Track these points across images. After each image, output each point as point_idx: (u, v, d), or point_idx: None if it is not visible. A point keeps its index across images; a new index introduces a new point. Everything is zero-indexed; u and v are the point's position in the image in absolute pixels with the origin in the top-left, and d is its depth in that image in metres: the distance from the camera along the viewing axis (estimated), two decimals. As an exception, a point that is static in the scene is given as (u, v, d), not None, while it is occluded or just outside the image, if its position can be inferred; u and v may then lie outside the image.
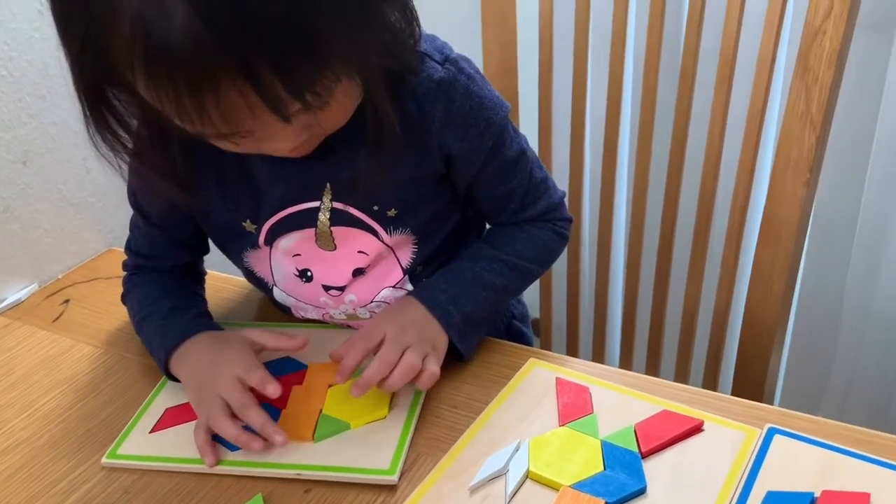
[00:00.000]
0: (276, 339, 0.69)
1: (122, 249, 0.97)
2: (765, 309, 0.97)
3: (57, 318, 0.85)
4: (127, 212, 0.99)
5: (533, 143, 1.06)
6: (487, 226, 0.79)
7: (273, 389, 0.63)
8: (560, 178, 1.10)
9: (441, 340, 0.68)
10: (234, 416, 0.64)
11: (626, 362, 1.11)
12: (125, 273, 0.79)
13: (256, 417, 0.63)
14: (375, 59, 0.56)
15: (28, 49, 0.86)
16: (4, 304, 0.88)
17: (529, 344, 0.86)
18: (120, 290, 0.87)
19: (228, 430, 0.63)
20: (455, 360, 0.70)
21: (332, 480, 0.61)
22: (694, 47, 0.93)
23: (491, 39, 1.04)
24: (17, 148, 0.87)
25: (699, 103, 0.96)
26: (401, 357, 0.64)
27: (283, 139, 0.56)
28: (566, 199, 0.77)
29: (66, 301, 0.89)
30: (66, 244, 0.94)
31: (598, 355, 1.14)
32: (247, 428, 0.64)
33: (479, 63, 1.03)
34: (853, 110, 1.17)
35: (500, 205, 0.73)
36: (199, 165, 0.68)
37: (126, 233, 0.98)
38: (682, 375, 1.06)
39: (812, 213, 1.18)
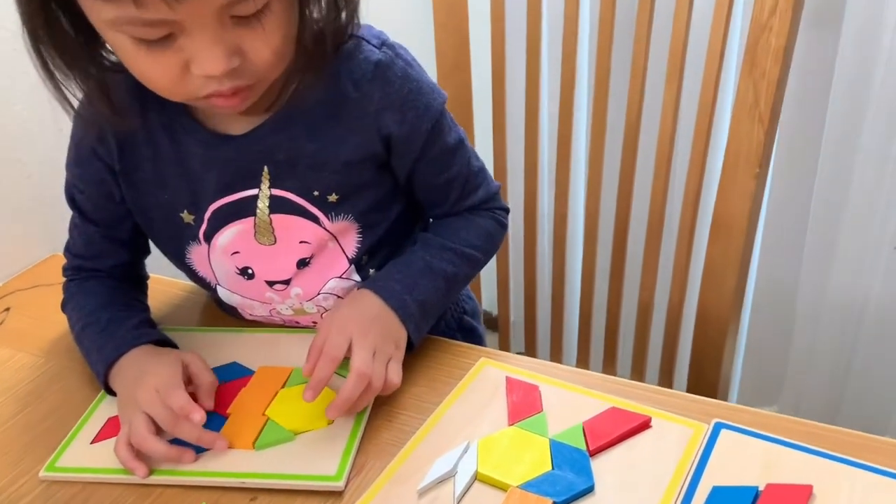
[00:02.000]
0: (201, 371, 0.66)
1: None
2: (717, 304, 0.98)
3: (-3, 327, 0.83)
4: (69, 217, 0.97)
5: (487, 142, 1.07)
6: (431, 220, 0.79)
7: (199, 417, 0.61)
8: (516, 175, 1.10)
9: (402, 336, 0.67)
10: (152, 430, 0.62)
11: (583, 359, 1.12)
12: (65, 279, 0.77)
13: (189, 431, 0.61)
14: None
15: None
16: (-59, 313, 0.85)
17: (481, 339, 0.86)
18: (61, 295, 0.85)
19: (153, 447, 0.61)
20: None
21: (278, 488, 0.60)
22: (644, 42, 0.93)
23: (443, 39, 1.04)
24: (-48, 152, 0.84)
25: (651, 99, 0.97)
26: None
27: (212, 51, 0.54)
28: (522, 197, 0.77)
29: (7, 309, 0.86)
30: (6, 251, 0.92)
31: (556, 352, 1.14)
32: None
33: (432, 63, 1.02)
34: (803, 105, 1.19)
35: (441, 193, 0.73)
36: (135, 151, 0.67)
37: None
38: (638, 372, 1.07)
39: (765, 208, 1.20)
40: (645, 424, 0.60)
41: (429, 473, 0.58)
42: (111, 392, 0.69)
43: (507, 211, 0.77)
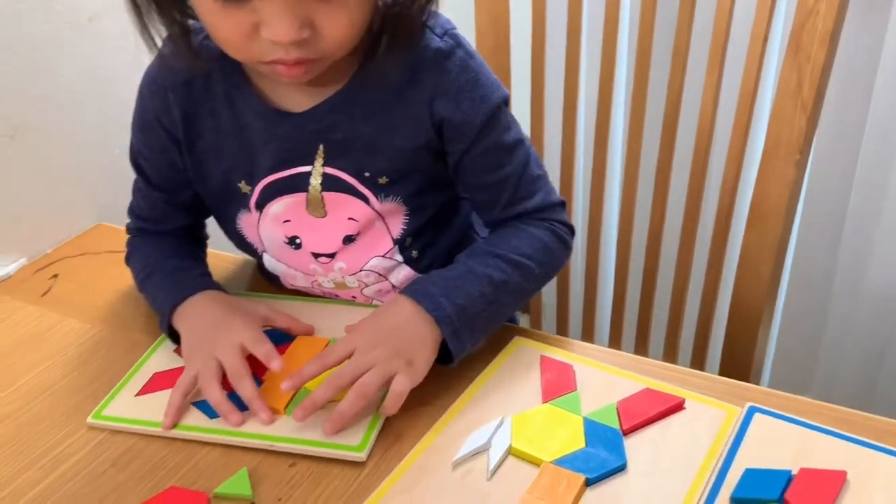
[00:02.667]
0: (287, 321, 0.71)
1: (111, 225, 0.98)
2: (752, 291, 0.97)
3: (45, 293, 0.86)
4: (116, 187, 0.99)
5: (524, 124, 1.07)
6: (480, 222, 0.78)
7: (277, 364, 0.64)
8: (552, 158, 1.10)
9: (421, 351, 0.63)
10: (221, 382, 0.65)
11: (615, 342, 1.12)
12: (128, 236, 0.80)
13: (248, 388, 0.64)
14: None
15: (15, 21, 0.85)
16: (-7, 278, 0.88)
17: (514, 319, 0.87)
18: (109, 266, 0.87)
19: (214, 393, 0.64)
20: (440, 364, 0.65)
21: (303, 453, 0.61)
22: (687, 25, 0.93)
23: (483, 18, 1.04)
24: (4, 122, 0.86)
25: (691, 83, 0.96)
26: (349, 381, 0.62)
27: (284, 18, 0.55)
28: (559, 178, 0.77)
29: (55, 276, 0.89)
30: (55, 219, 0.94)
31: (588, 335, 1.15)
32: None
33: (471, 42, 1.03)
34: (846, 91, 1.17)
35: (492, 194, 0.71)
36: (197, 122, 0.69)
37: (115, 208, 0.98)
38: (669, 356, 1.07)
39: (803, 196, 1.19)
40: (678, 406, 0.61)
41: (463, 446, 0.59)
42: (171, 333, 0.71)
43: (570, 228, 0.73)
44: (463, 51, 0.67)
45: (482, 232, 0.80)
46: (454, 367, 0.66)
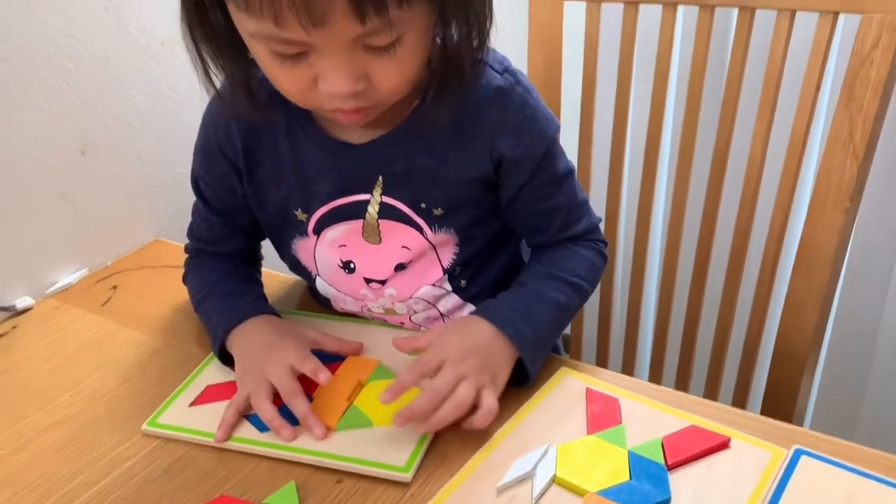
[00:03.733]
0: (336, 344, 0.73)
1: (169, 241, 1.01)
2: (797, 337, 0.97)
3: (105, 303, 0.89)
4: (175, 205, 1.03)
5: (573, 161, 1.08)
6: (532, 251, 0.80)
7: (324, 377, 0.66)
8: (598, 194, 1.11)
9: (503, 369, 0.66)
10: (273, 401, 0.67)
11: (655, 379, 1.12)
12: (187, 256, 0.83)
13: (302, 406, 0.66)
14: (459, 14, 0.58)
15: (92, 43, 0.90)
16: (56, 286, 0.91)
17: (558, 350, 0.88)
18: (166, 280, 0.90)
19: (266, 410, 0.66)
20: (515, 384, 0.68)
21: (349, 471, 0.63)
22: (739, 70, 0.94)
23: (537, 57, 1.06)
24: (77, 137, 0.91)
25: (741, 127, 0.97)
26: (455, 389, 0.63)
27: (339, 73, 0.56)
28: (604, 215, 0.79)
29: (115, 287, 0.92)
30: (116, 232, 0.98)
31: (628, 370, 1.15)
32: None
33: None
34: (896, 140, 1.17)
35: (544, 221, 0.74)
36: (257, 151, 0.71)
37: (173, 225, 1.03)
38: (710, 396, 1.06)
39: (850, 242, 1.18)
40: (724, 444, 0.61)
41: (508, 472, 0.60)
42: (224, 355, 0.73)
43: (606, 244, 0.78)
44: (521, 87, 0.68)
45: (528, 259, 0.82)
46: (528, 385, 0.69)
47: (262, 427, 0.67)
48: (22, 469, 0.66)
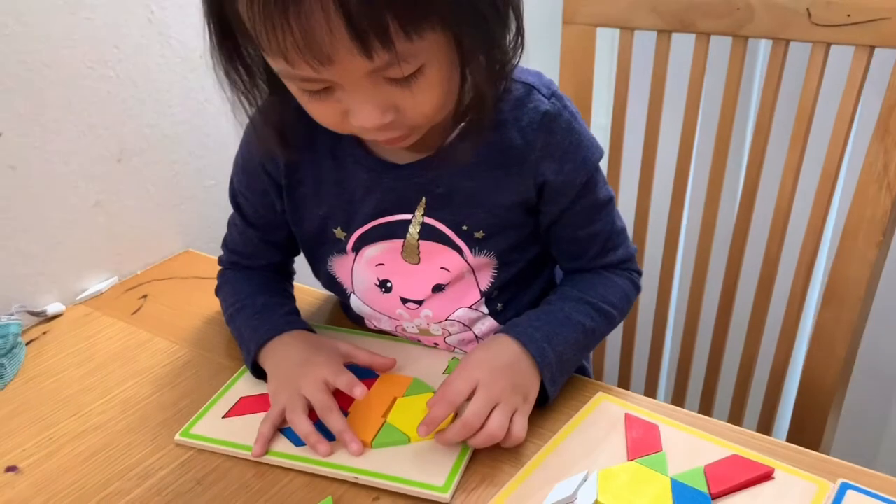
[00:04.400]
0: (368, 358, 0.72)
1: (199, 252, 1.01)
2: (825, 370, 0.96)
3: (136, 312, 0.89)
4: (206, 217, 1.04)
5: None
6: (560, 272, 0.80)
7: (360, 391, 0.66)
8: (625, 220, 1.10)
9: (533, 387, 0.67)
10: (308, 415, 0.67)
11: (677, 405, 1.11)
12: (220, 268, 0.83)
13: (337, 421, 0.65)
14: (476, 34, 0.56)
15: (135, 53, 0.90)
16: (86, 293, 0.91)
17: (588, 376, 0.87)
18: (195, 291, 0.90)
19: (303, 425, 0.66)
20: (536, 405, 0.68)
21: (385, 488, 0.62)
22: (771, 101, 0.94)
23: (568, 83, 1.07)
24: (114, 146, 0.91)
25: (772, 157, 0.97)
26: (489, 415, 0.63)
27: (365, 107, 0.56)
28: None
29: (144, 296, 0.92)
30: (146, 242, 0.98)
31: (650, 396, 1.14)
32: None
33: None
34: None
35: (581, 247, 0.74)
36: (300, 168, 0.71)
37: (203, 236, 1.03)
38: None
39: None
40: (767, 475, 0.60)
41: (548, 497, 0.60)
42: (256, 370, 0.73)
43: (640, 274, 0.78)
44: (568, 112, 0.68)
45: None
46: (543, 408, 0.69)
47: (297, 441, 0.67)
48: (54, 476, 0.65)
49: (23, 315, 0.84)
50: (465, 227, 0.70)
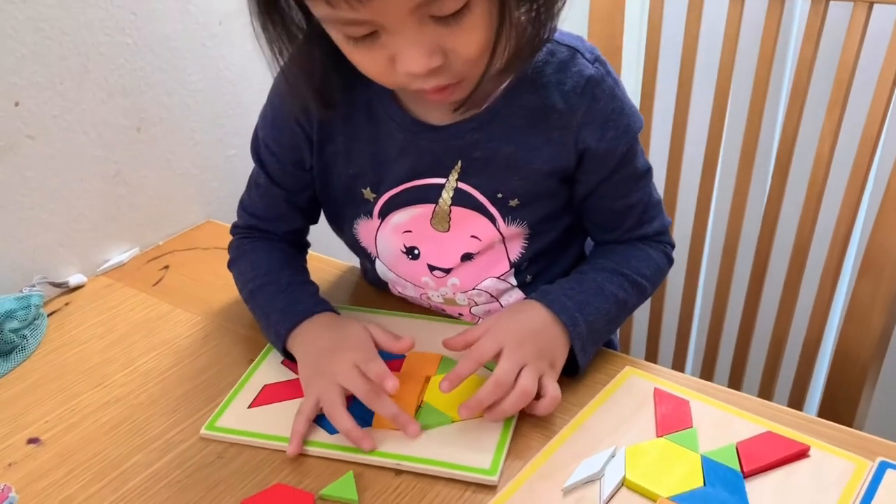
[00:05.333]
0: (388, 341, 0.68)
1: (220, 222, 1.00)
2: (860, 343, 0.94)
3: (157, 283, 0.88)
4: (227, 186, 1.02)
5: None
6: (590, 246, 0.78)
7: (392, 385, 0.62)
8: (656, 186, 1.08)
9: (560, 355, 0.65)
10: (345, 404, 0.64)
11: (706, 379, 1.09)
12: (235, 237, 0.80)
13: (388, 406, 0.63)
14: None
15: (152, 20, 0.88)
16: (108, 264, 0.91)
17: (615, 349, 0.85)
18: (217, 262, 0.89)
19: (344, 422, 0.62)
20: (565, 374, 0.67)
21: (431, 474, 0.60)
22: (809, 62, 0.90)
23: (596, 42, 1.03)
24: (133, 115, 0.90)
25: (809, 121, 0.94)
26: (517, 378, 0.62)
27: (412, 50, 0.54)
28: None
29: (166, 267, 0.91)
30: (167, 212, 0.97)
31: (677, 369, 1.12)
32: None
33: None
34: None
35: (617, 219, 0.72)
36: (332, 124, 0.69)
37: (224, 206, 1.01)
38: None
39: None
40: (803, 453, 0.58)
41: (575, 473, 0.58)
42: (286, 353, 0.71)
43: (674, 247, 0.76)
44: (611, 78, 0.66)
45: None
46: (574, 377, 0.68)
47: (332, 429, 0.64)
48: (77, 447, 0.65)
49: (44, 286, 0.83)
50: (499, 195, 0.68)
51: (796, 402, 1.01)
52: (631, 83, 1.04)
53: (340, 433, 0.63)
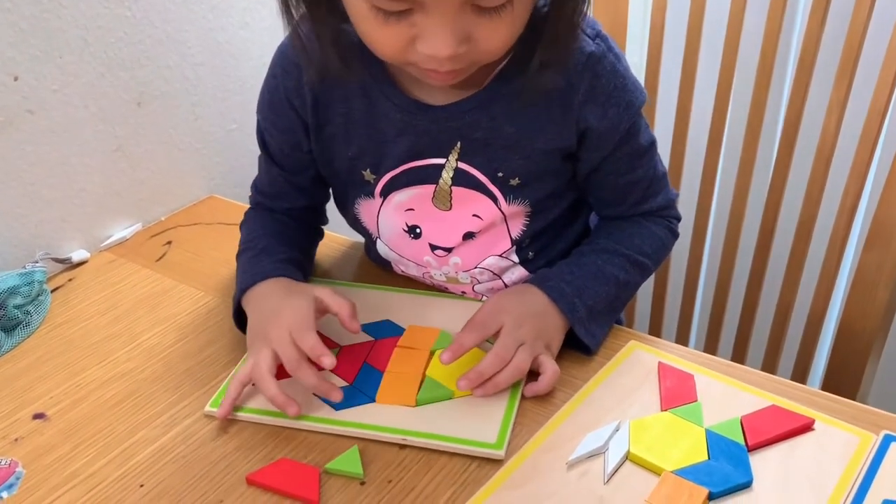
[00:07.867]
0: (338, 305, 0.66)
1: (223, 197, 1.00)
2: (865, 315, 0.93)
3: (160, 258, 0.88)
4: (230, 161, 1.02)
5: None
6: (594, 219, 0.78)
7: (328, 362, 0.61)
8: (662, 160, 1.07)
9: (557, 338, 0.66)
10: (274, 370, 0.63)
11: (709, 351, 1.09)
12: (249, 207, 0.81)
13: (309, 376, 0.62)
14: None
15: (150, -9, 0.87)
16: (111, 240, 0.91)
17: (620, 324, 0.85)
18: (220, 237, 0.90)
19: (267, 388, 0.62)
20: (581, 353, 0.68)
21: (436, 449, 0.61)
22: (815, 37, 0.89)
23: (601, 19, 1.02)
24: (133, 88, 0.89)
25: (816, 91, 0.93)
26: (513, 355, 0.63)
27: (443, 34, 0.54)
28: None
29: (169, 242, 0.91)
30: (170, 187, 0.96)
31: (681, 344, 1.12)
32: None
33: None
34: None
35: (621, 194, 0.71)
36: (328, 107, 0.68)
37: (226, 181, 1.01)
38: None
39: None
40: (807, 426, 0.58)
41: (579, 447, 0.58)
42: (239, 317, 0.70)
43: (679, 220, 0.76)
44: (613, 54, 0.65)
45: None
46: (592, 355, 0.68)
47: (336, 406, 0.64)
48: (82, 422, 0.65)
49: (47, 262, 0.83)
50: (500, 174, 0.67)
51: (800, 375, 1.01)
52: (635, 58, 1.03)
53: (343, 406, 0.63)
